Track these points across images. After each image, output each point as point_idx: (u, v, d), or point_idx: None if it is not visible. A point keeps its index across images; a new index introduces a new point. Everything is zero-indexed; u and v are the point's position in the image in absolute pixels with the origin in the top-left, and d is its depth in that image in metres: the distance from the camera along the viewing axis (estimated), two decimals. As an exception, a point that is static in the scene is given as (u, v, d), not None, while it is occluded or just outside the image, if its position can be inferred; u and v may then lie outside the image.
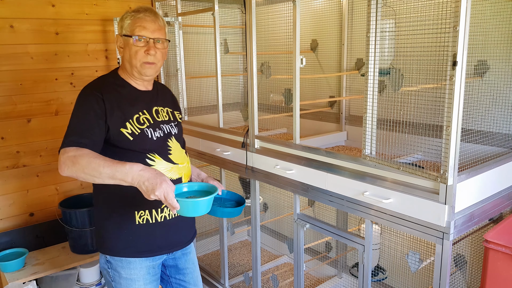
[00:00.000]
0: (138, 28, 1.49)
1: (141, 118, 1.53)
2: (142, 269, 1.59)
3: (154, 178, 1.26)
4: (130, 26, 1.50)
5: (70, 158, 1.31)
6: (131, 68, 1.54)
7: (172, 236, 1.63)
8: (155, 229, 1.57)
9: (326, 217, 2.65)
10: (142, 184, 1.26)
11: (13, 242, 2.48)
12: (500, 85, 1.87)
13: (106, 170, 1.28)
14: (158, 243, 1.59)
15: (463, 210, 1.51)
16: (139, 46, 1.49)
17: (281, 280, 2.85)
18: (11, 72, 2.43)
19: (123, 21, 1.52)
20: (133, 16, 1.50)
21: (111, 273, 1.59)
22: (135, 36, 1.48)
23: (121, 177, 1.28)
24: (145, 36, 1.49)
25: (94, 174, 1.29)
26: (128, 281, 1.57)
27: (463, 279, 2.05)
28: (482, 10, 1.83)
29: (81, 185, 2.78)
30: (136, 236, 1.55)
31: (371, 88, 1.56)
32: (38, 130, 2.57)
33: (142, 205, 1.53)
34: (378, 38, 1.51)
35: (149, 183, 1.25)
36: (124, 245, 1.55)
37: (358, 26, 2.45)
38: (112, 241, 1.56)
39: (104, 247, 1.58)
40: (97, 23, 2.70)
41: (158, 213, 1.57)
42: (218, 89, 2.43)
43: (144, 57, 1.50)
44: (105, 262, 1.60)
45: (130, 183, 1.28)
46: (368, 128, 1.61)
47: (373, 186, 1.68)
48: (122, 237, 1.55)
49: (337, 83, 2.63)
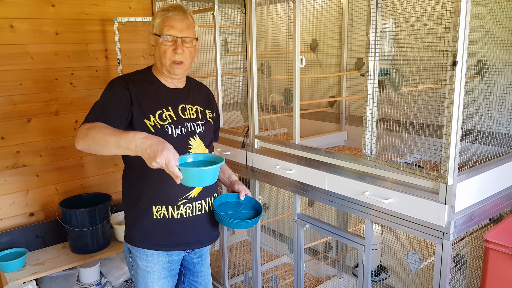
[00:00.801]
0: (167, 28, 1.51)
1: (163, 114, 1.56)
2: (158, 262, 1.63)
3: (156, 145, 1.25)
4: (160, 25, 1.53)
5: (83, 131, 1.35)
6: (161, 66, 1.57)
7: (189, 234, 1.64)
8: (171, 225, 1.60)
9: (326, 217, 2.65)
10: (145, 152, 1.26)
11: (13, 242, 2.48)
12: (500, 85, 1.87)
13: (112, 138, 1.30)
14: (174, 239, 1.63)
15: (463, 210, 1.51)
16: (168, 45, 1.52)
17: (281, 280, 2.85)
18: (11, 72, 2.43)
19: (154, 20, 1.55)
20: (163, 15, 1.53)
21: (131, 262, 1.67)
22: (164, 35, 1.51)
23: (126, 145, 1.28)
24: (173, 35, 1.51)
25: (102, 144, 1.31)
26: (144, 272, 1.63)
27: (463, 279, 2.05)
28: (482, 10, 1.83)
29: (81, 185, 2.78)
30: (154, 229, 1.60)
31: (371, 88, 1.56)
32: (38, 130, 2.57)
33: (159, 200, 1.58)
34: (378, 38, 1.51)
35: (151, 150, 1.24)
36: (142, 236, 1.60)
37: (358, 26, 2.45)
38: (132, 231, 1.62)
39: (127, 236, 1.66)
40: (97, 23, 2.70)
41: (174, 210, 1.60)
42: (218, 89, 2.43)
43: (173, 56, 1.52)
44: (127, 251, 1.68)
45: (134, 151, 1.28)
46: (368, 128, 1.61)
47: (373, 186, 1.68)
48: (141, 229, 1.60)
49: (337, 83, 2.63)
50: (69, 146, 2.70)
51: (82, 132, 1.36)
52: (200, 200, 1.63)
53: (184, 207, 1.60)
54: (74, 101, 2.68)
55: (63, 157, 2.69)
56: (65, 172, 2.70)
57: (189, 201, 1.61)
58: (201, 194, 1.63)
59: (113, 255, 2.65)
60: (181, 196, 1.59)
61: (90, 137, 1.33)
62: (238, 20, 3.16)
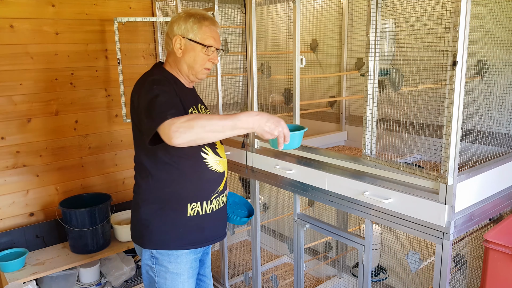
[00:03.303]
0: (210, 39, 1.58)
1: (193, 112, 1.62)
2: (187, 262, 1.65)
3: (273, 118, 1.39)
4: (201, 34, 1.57)
5: (183, 125, 1.32)
6: (188, 70, 1.61)
7: (217, 227, 1.72)
8: (204, 221, 1.65)
9: (326, 217, 2.65)
10: (264, 126, 1.37)
11: (13, 242, 2.48)
12: (500, 85, 1.87)
13: (227, 122, 1.35)
14: (206, 234, 1.67)
15: (463, 210, 1.52)
16: (208, 55, 1.59)
17: (281, 280, 2.85)
18: (11, 72, 2.43)
19: (186, 24, 1.56)
20: (200, 23, 1.57)
21: (155, 269, 1.64)
22: (210, 47, 1.58)
23: (242, 125, 1.36)
24: (215, 47, 1.59)
25: (217, 129, 1.35)
26: (174, 275, 1.62)
27: (463, 279, 2.05)
28: (482, 10, 1.83)
29: (81, 185, 2.78)
30: (187, 228, 1.61)
31: (371, 88, 1.56)
32: (38, 130, 2.57)
33: (195, 197, 1.61)
34: (378, 38, 1.51)
35: (271, 123, 1.38)
36: (174, 238, 1.60)
37: (358, 26, 2.45)
38: (162, 235, 1.60)
39: (151, 242, 1.61)
40: (97, 23, 2.70)
41: (208, 205, 1.64)
42: (218, 89, 2.43)
43: (208, 64, 1.61)
44: (150, 258, 1.64)
45: (251, 129, 1.37)
46: (368, 128, 1.61)
47: (373, 186, 1.68)
48: (173, 230, 1.60)
49: (337, 83, 2.63)
50: (69, 146, 2.70)
51: (183, 125, 1.32)
52: (223, 193, 1.72)
53: (215, 200, 1.67)
54: (74, 101, 2.68)
55: (63, 157, 2.69)
56: (65, 172, 2.70)
57: (218, 194, 1.69)
58: (224, 187, 1.72)
59: (113, 255, 2.65)
60: (214, 190, 1.66)
61: (198, 128, 1.32)
62: (238, 20, 3.16)
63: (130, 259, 2.71)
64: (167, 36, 1.62)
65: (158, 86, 1.47)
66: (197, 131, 1.32)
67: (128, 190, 3.01)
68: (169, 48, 1.62)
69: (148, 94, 1.43)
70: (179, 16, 1.59)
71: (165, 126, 1.33)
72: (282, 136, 1.41)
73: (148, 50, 2.94)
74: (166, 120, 1.33)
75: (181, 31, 1.57)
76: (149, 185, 1.60)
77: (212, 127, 1.34)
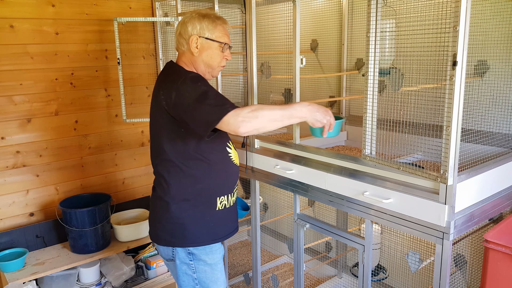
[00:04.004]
0: (225, 37, 1.66)
1: None
2: (220, 252, 1.72)
3: (321, 108, 1.57)
4: (216, 32, 1.63)
5: (249, 115, 1.43)
6: (205, 68, 1.66)
7: (236, 220, 1.82)
8: (229, 213, 1.74)
9: (326, 217, 2.65)
10: (314, 114, 1.54)
11: (13, 242, 2.48)
12: (500, 85, 1.87)
13: (285, 112, 1.50)
14: (229, 226, 1.76)
15: (463, 210, 1.52)
16: (223, 53, 1.67)
17: (281, 280, 2.85)
18: (11, 72, 2.43)
19: (202, 23, 1.61)
20: (215, 22, 1.63)
21: (193, 265, 1.67)
22: (227, 44, 1.66)
23: (297, 114, 1.52)
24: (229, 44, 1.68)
25: (277, 119, 1.48)
26: (212, 266, 1.68)
27: (463, 279, 2.05)
28: (482, 10, 1.83)
29: (81, 185, 2.78)
30: (216, 221, 1.68)
31: (371, 88, 1.56)
32: (38, 130, 2.57)
33: (223, 191, 1.69)
34: (378, 38, 1.51)
35: (321, 113, 1.55)
36: (207, 232, 1.66)
37: (358, 26, 2.45)
38: (196, 231, 1.64)
39: (187, 240, 1.65)
40: (97, 23, 2.70)
41: (230, 197, 1.72)
42: (218, 89, 2.43)
43: (223, 62, 1.69)
44: (187, 256, 1.66)
45: (303, 118, 1.54)
46: (368, 128, 1.61)
47: (373, 186, 1.68)
48: (205, 225, 1.66)
49: (337, 83, 2.63)
50: (69, 146, 2.70)
51: (248, 115, 1.43)
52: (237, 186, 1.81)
53: (235, 193, 1.77)
54: (74, 101, 2.68)
55: (63, 157, 2.69)
56: (65, 172, 2.70)
57: (236, 188, 1.78)
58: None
59: (113, 255, 2.65)
60: (235, 183, 1.75)
61: (262, 118, 1.45)
62: (238, 20, 3.16)
63: (130, 259, 2.71)
64: (181, 37, 1.64)
65: (202, 82, 1.54)
66: (261, 120, 1.45)
67: (128, 190, 3.01)
68: (183, 48, 1.65)
69: (196, 90, 1.48)
70: (191, 16, 1.63)
71: (229, 116, 1.42)
72: (328, 125, 1.57)
73: (148, 50, 2.94)
74: (230, 111, 1.42)
75: (196, 30, 1.61)
76: (180, 182, 1.63)
77: (273, 117, 1.48)
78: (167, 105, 1.53)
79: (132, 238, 2.63)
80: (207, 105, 1.44)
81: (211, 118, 1.43)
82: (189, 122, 1.50)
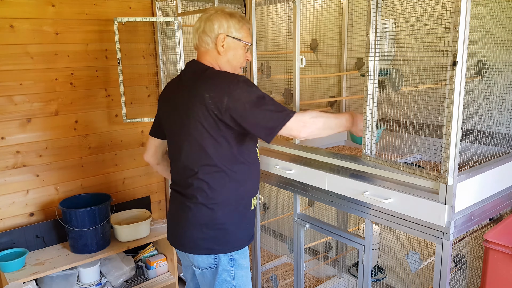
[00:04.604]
0: (249, 37, 1.65)
1: None
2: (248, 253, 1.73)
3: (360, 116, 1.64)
4: (242, 32, 1.62)
5: (310, 121, 1.54)
6: (231, 69, 1.65)
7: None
8: (254, 214, 1.79)
9: (326, 217, 2.65)
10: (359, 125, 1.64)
11: (13, 242, 2.48)
12: (500, 85, 1.87)
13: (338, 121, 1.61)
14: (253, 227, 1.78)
15: (463, 210, 1.52)
16: (245, 53, 1.66)
17: (281, 280, 2.85)
18: (11, 72, 2.43)
19: (229, 22, 1.58)
20: (241, 22, 1.61)
21: (233, 271, 1.64)
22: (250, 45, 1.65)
23: (346, 124, 1.63)
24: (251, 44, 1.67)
25: (331, 126, 1.59)
26: (246, 270, 1.69)
27: (463, 279, 2.05)
28: (482, 10, 1.83)
29: (81, 185, 2.78)
30: (250, 222, 1.71)
31: (371, 88, 1.56)
32: (38, 130, 2.57)
33: (255, 191, 1.73)
34: (378, 38, 1.51)
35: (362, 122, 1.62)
36: (244, 234, 1.67)
37: (358, 26, 2.45)
38: (237, 235, 1.64)
39: (230, 246, 1.62)
40: (97, 23, 2.70)
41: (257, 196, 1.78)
42: (218, 89, 2.43)
43: (244, 63, 1.68)
44: (228, 262, 1.63)
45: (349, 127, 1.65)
46: (368, 128, 1.61)
47: (373, 186, 1.68)
48: (243, 228, 1.67)
49: (337, 83, 2.63)
50: (69, 146, 2.70)
51: (309, 121, 1.53)
52: None
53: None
54: (74, 101, 2.68)
55: (63, 157, 2.69)
56: (65, 172, 2.70)
57: None
58: None
59: (113, 255, 2.65)
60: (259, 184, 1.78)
61: (321, 123, 1.56)
62: (238, 20, 3.16)
63: (130, 259, 2.71)
64: (205, 35, 1.59)
65: (254, 85, 1.54)
66: (320, 126, 1.55)
67: (128, 190, 3.01)
68: (207, 47, 1.60)
69: (252, 94, 1.48)
70: (217, 14, 1.59)
71: (292, 122, 1.49)
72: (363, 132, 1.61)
73: (148, 50, 2.94)
74: (292, 116, 1.49)
75: (224, 29, 1.58)
76: (226, 187, 1.59)
77: (329, 124, 1.58)
78: (217, 109, 1.47)
79: (132, 238, 2.63)
80: (268, 110, 1.47)
81: (275, 123, 1.47)
82: (247, 127, 1.49)
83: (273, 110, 1.48)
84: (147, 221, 2.67)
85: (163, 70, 2.93)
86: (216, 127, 1.51)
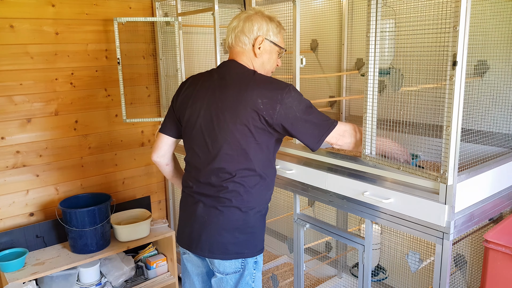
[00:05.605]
0: (283, 43, 1.66)
1: None
2: None
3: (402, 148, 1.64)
4: (279, 36, 1.63)
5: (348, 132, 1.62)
6: (262, 71, 1.64)
7: None
8: None
9: (326, 217, 2.65)
10: None
11: (13, 242, 2.48)
12: (500, 85, 1.87)
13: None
14: None
15: (463, 210, 1.52)
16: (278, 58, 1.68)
17: (281, 280, 2.85)
18: (11, 72, 2.43)
19: (268, 25, 1.58)
20: (279, 27, 1.63)
21: (255, 274, 1.64)
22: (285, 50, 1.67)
23: None
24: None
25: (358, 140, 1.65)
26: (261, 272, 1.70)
27: (463, 279, 2.05)
28: (482, 10, 1.83)
29: (81, 185, 2.78)
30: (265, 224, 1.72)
31: (371, 88, 1.56)
32: (38, 130, 2.57)
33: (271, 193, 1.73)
34: (378, 38, 1.51)
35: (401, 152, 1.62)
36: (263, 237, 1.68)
37: (358, 26, 2.45)
38: (262, 237, 1.66)
39: (256, 249, 1.62)
40: (97, 23, 2.70)
41: None
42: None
43: (275, 67, 1.69)
44: (253, 265, 1.61)
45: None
46: (368, 128, 1.61)
47: (373, 186, 1.68)
48: (264, 230, 1.69)
49: (337, 83, 2.63)
50: (69, 146, 2.70)
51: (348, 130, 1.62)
52: None
53: None
54: (74, 101, 2.68)
55: (63, 157, 2.69)
56: (65, 172, 2.70)
57: None
58: None
59: (113, 255, 2.65)
60: None
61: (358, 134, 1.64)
62: (238, 20, 3.16)
63: (130, 259, 2.71)
64: (243, 34, 1.57)
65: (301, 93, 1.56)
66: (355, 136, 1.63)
67: (128, 190, 3.01)
68: (244, 47, 1.58)
69: (301, 103, 1.52)
70: (257, 16, 1.58)
71: (337, 129, 1.56)
72: None
73: (148, 50, 2.94)
74: (336, 125, 1.56)
75: (263, 32, 1.58)
76: (258, 191, 1.60)
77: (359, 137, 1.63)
78: (269, 115, 1.47)
79: (132, 238, 2.63)
80: (316, 119, 1.53)
81: (322, 131, 1.53)
82: (297, 135, 1.52)
83: (320, 119, 1.54)
84: (147, 221, 2.67)
85: (163, 70, 2.93)
86: (263, 132, 1.51)
